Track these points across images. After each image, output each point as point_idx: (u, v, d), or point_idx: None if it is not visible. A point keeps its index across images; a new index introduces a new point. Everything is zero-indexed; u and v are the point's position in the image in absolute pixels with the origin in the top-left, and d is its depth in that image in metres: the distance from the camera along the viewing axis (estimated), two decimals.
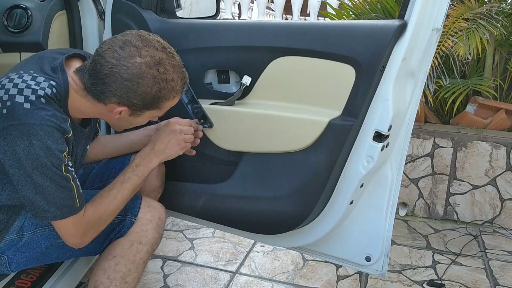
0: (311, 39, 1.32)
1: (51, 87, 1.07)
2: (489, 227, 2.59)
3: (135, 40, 1.08)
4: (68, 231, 1.13)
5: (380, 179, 1.42)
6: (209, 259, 2.13)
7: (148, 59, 1.07)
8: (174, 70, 1.12)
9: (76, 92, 1.13)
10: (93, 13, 1.66)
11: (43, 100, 1.04)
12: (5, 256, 1.22)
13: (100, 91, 1.10)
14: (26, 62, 1.16)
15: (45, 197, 1.06)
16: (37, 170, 1.03)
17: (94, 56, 1.10)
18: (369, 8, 3.06)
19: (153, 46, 1.09)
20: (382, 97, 1.28)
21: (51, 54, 1.18)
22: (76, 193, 1.10)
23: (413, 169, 2.65)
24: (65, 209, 1.09)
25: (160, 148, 1.28)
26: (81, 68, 1.14)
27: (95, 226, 1.17)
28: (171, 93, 1.13)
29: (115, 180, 1.23)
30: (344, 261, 1.52)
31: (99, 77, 1.08)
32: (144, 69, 1.07)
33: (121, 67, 1.07)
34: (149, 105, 1.13)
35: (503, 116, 2.71)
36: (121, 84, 1.08)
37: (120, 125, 1.24)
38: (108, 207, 1.19)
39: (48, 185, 1.05)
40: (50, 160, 1.03)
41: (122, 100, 1.10)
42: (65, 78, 1.12)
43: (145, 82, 1.08)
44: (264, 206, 1.42)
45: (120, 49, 1.07)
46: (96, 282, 1.25)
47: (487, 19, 2.51)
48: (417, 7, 1.23)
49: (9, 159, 1.03)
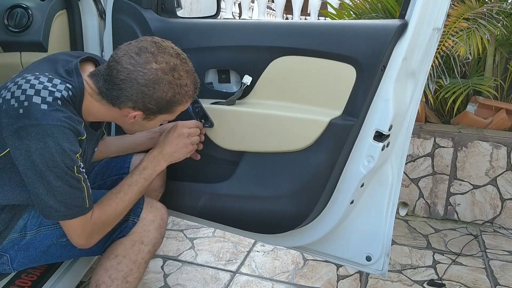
0: (311, 39, 1.32)
1: (67, 89, 1.09)
2: (490, 227, 2.59)
3: (151, 46, 1.11)
4: (75, 231, 1.14)
5: (381, 179, 1.42)
6: (209, 259, 2.13)
7: (163, 65, 1.10)
8: (188, 75, 1.15)
9: (90, 96, 1.15)
10: (94, 12, 1.66)
11: (60, 102, 1.06)
12: (7, 255, 1.22)
13: (116, 96, 1.12)
14: (39, 64, 1.18)
15: (56, 197, 1.07)
16: (50, 170, 1.04)
17: (110, 62, 1.12)
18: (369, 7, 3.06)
19: (168, 52, 1.12)
20: (383, 97, 1.28)
21: (64, 57, 1.20)
22: (86, 194, 1.11)
23: (413, 169, 2.65)
24: (75, 209, 1.10)
25: (168, 152, 1.30)
26: (96, 73, 1.16)
27: (102, 228, 1.18)
28: (184, 98, 1.16)
29: (122, 183, 1.24)
30: (345, 261, 1.52)
31: (115, 82, 1.10)
32: (160, 75, 1.10)
33: (138, 73, 1.09)
34: (163, 109, 1.15)
35: (504, 116, 2.71)
36: (137, 90, 1.10)
37: (133, 128, 1.26)
38: (116, 209, 1.20)
39: (60, 185, 1.06)
40: (63, 161, 1.04)
41: (138, 105, 1.13)
42: (80, 81, 1.13)
43: (160, 88, 1.11)
44: (265, 205, 1.42)
45: (136, 56, 1.09)
46: (98, 281, 1.25)
47: (488, 19, 2.51)
48: (417, 6, 1.23)
49: (23, 158, 1.04)
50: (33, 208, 1.23)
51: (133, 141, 1.47)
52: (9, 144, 1.05)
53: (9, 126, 1.04)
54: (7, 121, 1.04)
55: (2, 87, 1.10)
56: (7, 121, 1.04)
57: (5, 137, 1.05)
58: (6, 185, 1.13)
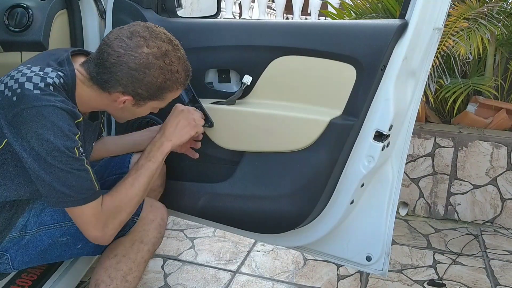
0: (312, 39, 1.32)
1: (59, 77, 1.09)
2: (490, 226, 2.59)
3: (143, 31, 1.10)
4: (89, 221, 1.11)
5: (381, 179, 1.42)
6: (209, 259, 2.13)
7: (155, 50, 1.10)
8: (179, 62, 1.15)
9: (82, 83, 1.14)
10: (94, 12, 1.66)
11: (52, 88, 1.06)
12: (7, 254, 1.22)
13: (106, 79, 1.11)
14: (32, 59, 1.18)
15: (63, 181, 1.05)
16: (50, 155, 1.03)
17: (101, 46, 1.11)
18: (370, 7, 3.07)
19: (160, 37, 1.11)
20: (383, 97, 1.28)
21: (55, 51, 1.21)
22: (92, 175, 1.10)
23: (413, 169, 2.65)
24: (86, 193, 1.08)
25: (170, 131, 1.28)
26: (87, 60, 1.16)
27: (115, 215, 1.15)
28: (175, 85, 1.15)
29: (130, 170, 1.23)
30: (345, 261, 1.52)
31: (105, 66, 1.10)
32: (151, 59, 1.09)
33: (129, 57, 1.08)
34: (153, 95, 1.15)
35: (504, 116, 2.71)
36: (127, 74, 1.09)
37: (122, 115, 1.24)
38: (126, 194, 1.17)
39: (63, 168, 1.04)
40: (62, 143, 1.03)
41: (127, 89, 1.12)
42: (72, 69, 1.13)
43: (151, 73, 1.10)
44: (265, 205, 1.42)
45: (128, 39, 1.09)
46: (97, 280, 1.25)
47: (488, 18, 2.51)
48: (418, 6, 1.23)
49: (22, 146, 1.04)
50: (33, 207, 1.22)
51: (132, 141, 1.46)
52: (7, 134, 1.05)
53: (5, 116, 1.04)
54: (3, 111, 1.04)
55: None
56: (3, 112, 1.04)
57: (2, 128, 1.05)
58: (6, 179, 1.13)
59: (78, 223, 1.13)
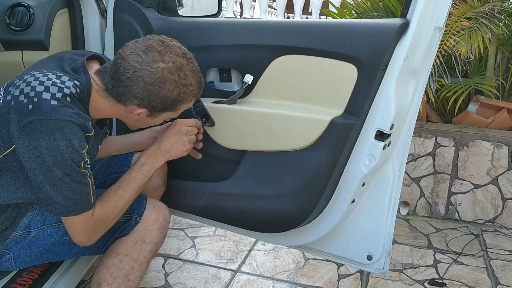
0: (313, 38, 1.32)
1: (76, 86, 1.10)
2: (491, 226, 2.59)
3: (158, 45, 1.12)
4: (77, 229, 1.15)
5: (382, 178, 1.42)
6: (210, 258, 2.14)
7: (170, 65, 1.11)
8: (193, 75, 1.17)
9: (97, 93, 1.16)
10: (95, 11, 1.66)
11: (69, 99, 1.07)
12: (10, 252, 1.23)
13: (122, 93, 1.13)
14: (45, 62, 1.19)
15: (63, 193, 1.07)
16: (58, 166, 1.05)
17: (117, 59, 1.12)
18: (371, 6, 3.06)
19: (174, 52, 1.13)
20: (384, 96, 1.28)
21: (69, 55, 1.21)
22: (91, 189, 1.12)
23: (414, 168, 2.65)
24: (81, 205, 1.11)
25: (166, 148, 1.31)
26: (102, 70, 1.17)
27: (103, 225, 1.19)
28: (188, 97, 1.18)
29: (121, 180, 1.25)
30: (346, 260, 1.52)
31: (121, 79, 1.11)
32: (166, 74, 1.11)
33: (145, 72, 1.10)
34: (167, 107, 1.17)
35: (505, 115, 2.70)
36: (143, 88, 1.11)
37: (136, 125, 1.27)
38: (116, 206, 1.20)
39: (67, 181, 1.07)
40: (71, 157, 1.05)
41: (143, 102, 1.14)
42: (88, 78, 1.15)
43: (166, 87, 1.12)
44: (266, 204, 1.42)
45: (143, 54, 1.10)
46: (99, 279, 1.26)
47: (490, 18, 2.50)
48: (419, 5, 1.23)
49: (30, 154, 1.04)
50: (37, 206, 1.23)
51: (134, 140, 1.47)
52: (16, 141, 1.05)
53: (18, 122, 1.04)
54: (16, 117, 1.04)
55: (10, 84, 1.11)
56: (16, 117, 1.04)
57: (12, 133, 1.05)
58: (12, 183, 1.14)
59: (66, 227, 1.16)
